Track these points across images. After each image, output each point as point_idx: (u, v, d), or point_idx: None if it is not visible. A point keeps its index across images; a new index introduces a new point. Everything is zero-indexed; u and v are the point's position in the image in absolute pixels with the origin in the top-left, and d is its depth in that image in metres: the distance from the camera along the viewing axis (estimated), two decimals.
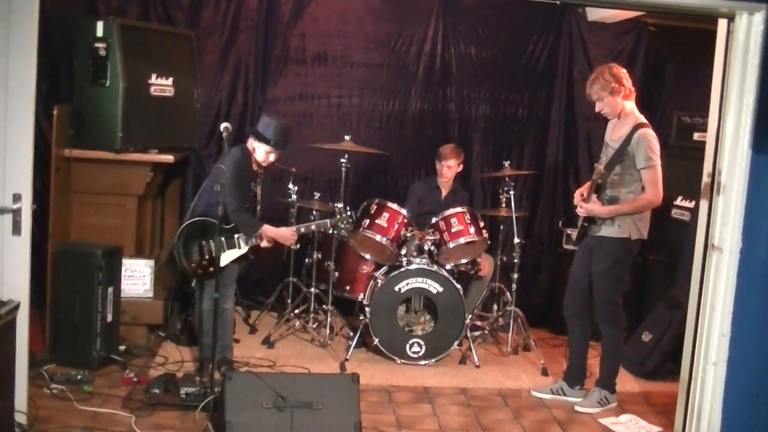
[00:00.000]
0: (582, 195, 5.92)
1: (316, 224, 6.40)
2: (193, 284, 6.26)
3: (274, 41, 7.84)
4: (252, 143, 6.11)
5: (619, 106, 5.77)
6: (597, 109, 5.88)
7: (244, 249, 5.96)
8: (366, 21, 7.99)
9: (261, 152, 6.07)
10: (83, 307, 6.06)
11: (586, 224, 5.83)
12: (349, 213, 6.42)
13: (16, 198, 4.52)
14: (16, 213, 4.53)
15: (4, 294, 4.53)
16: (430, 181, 7.64)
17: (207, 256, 5.93)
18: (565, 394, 6.11)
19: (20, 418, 4.74)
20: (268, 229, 6.08)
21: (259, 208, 6.22)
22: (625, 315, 6.02)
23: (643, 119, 5.79)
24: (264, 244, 6.09)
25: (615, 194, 5.76)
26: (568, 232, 6.09)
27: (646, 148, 5.60)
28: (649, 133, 5.68)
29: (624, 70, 5.82)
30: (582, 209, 5.73)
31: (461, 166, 7.49)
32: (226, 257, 5.87)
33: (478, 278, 7.35)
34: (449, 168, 7.40)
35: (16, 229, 4.55)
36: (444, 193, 7.56)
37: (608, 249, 5.79)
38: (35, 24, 4.51)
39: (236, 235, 5.91)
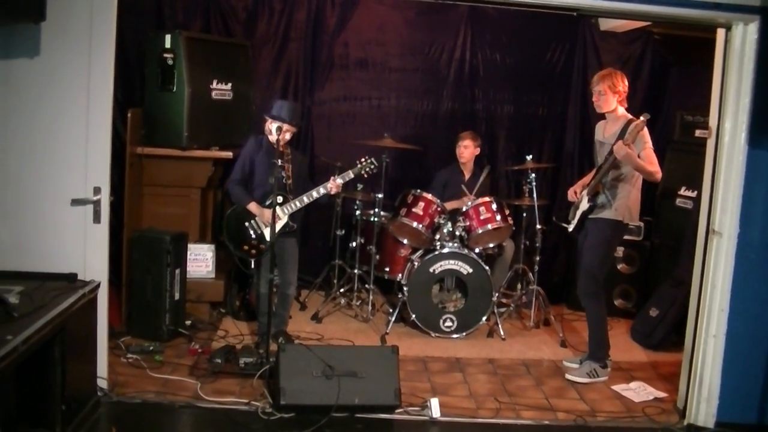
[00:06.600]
0: (576, 192, 6.04)
1: (306, 196, 5.94)
2: (251, 267, 6.30)
3: (321, 49, 7.86)
4: (269, 125, 5.87)
5: (612, 104, 5.76)
6: (595, 99, 5.86)
7: (285, 218, 5.82)
8: (402, 31, 7.98)
9: (275, 130, 5.75)
10: (154, 287, 6.15)
11: (589, 207, 5.83)
12: (370, 159, 6.08)
13: (96, 191, 4.65)
14: (96, 204, 4.66)
15: (87, 275, 4.64)
16: (453, 167, 7.60)
17: (254, 235, 5.97)
18: (598, 375, 5.96)
19: (102, 383, 4.87)
20: (253, 206, 5.94)
21: (290, 182, 5.97)
22: (603, 294, 5.99)
23: (631, 117, 5.76)
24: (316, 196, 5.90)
25: (616, 174, 5.77)
26: (563, 225, 6.11)
27: (641, 135, 5.60)
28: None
29: (625, 79, 5.86)
30: (621, 151, 5.48)
31: (478, 148, 7.48)
32: (270, 230, 5.66)
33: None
34: (465, 148, 7.42)
35: (97, 218, 4.68)
36: (467, 175, 7.56)
37: (603, 227, 5.83)
38: (113, 38, 4.61)
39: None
